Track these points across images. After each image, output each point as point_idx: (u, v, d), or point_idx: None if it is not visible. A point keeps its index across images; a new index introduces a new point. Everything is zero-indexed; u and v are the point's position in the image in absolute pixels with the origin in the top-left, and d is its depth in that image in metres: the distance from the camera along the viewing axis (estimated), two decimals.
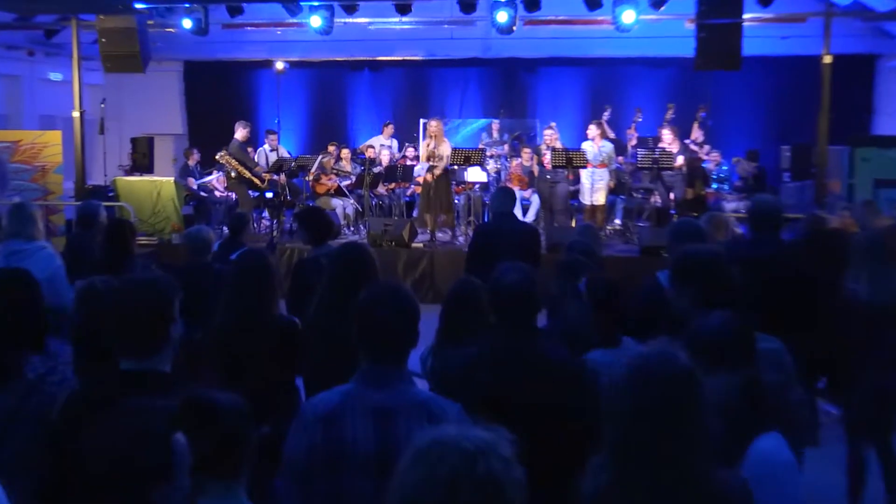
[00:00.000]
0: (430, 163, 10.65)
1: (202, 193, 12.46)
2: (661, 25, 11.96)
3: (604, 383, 2.15)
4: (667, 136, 11.43)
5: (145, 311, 2.40)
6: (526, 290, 2.92)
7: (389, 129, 14.06)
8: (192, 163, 12.92)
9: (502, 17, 10.63)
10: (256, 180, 11.41)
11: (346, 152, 12.95)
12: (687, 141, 11.86)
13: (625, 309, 3.61)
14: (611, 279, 3.69)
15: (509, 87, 15.37)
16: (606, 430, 1.96)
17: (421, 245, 10.49)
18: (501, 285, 2.94)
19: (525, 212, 12.33)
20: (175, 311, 2.46)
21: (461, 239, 11.06)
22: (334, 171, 12.41)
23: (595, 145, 11.04)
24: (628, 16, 10.44)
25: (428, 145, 10.77)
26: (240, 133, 11.46)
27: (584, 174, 11.07)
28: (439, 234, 11.10)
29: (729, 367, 2.41)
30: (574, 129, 13.99)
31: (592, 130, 11.16)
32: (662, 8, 10.76)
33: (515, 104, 15.26)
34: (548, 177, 11.15)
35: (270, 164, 11.72)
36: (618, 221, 12.03)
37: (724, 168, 12.74)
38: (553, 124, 11.51)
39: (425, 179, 10.86)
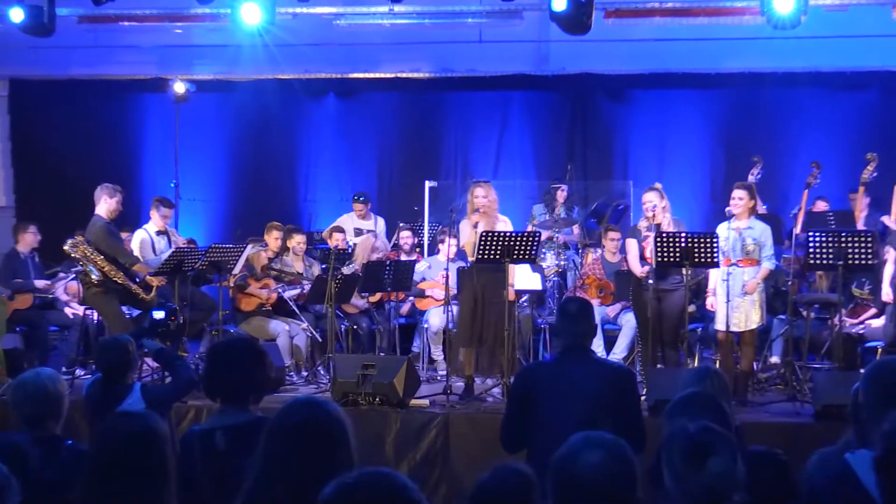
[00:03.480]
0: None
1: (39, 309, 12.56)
2: (846, 17, 12.24)
3: None
4: (865, 208, 11.44)
5: None
6: (618, 486, 2.97)
7: (360, 208, 14.28)
8: (24, 249, 12.97)
9: (559, 3, 10.68)
10: (135, 288, 11.49)
11: (296, 240, 13.02)
12: (886, 218, 11.94)
13: None
14: (774, 455, 3.72)
15: (581, 125, 15.63)
16: None
17: (425, 403, 10.50)
18: (575, 475, 2.98)
19: (611, 344, 12.42)
20: None
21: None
22: (274, 273, 12.53)
23: (735, 226, 10.93)
24: (784, 3, 10.52)
25: (474, 225, 10.89)
26: (105, 206, 11.55)
27: (718, 278, 11.00)
28: (485, 382, 11.11)
29: None
30: (694, 198, 14.05)
31: (739, 198, 10.94)
32: None
33: (592, 155, 15.48)
34: (650, 281, 11.11)
35: (162, 259, 11.77)
36: (775, 360, 11.91)
37: None
38: (658, 186, 11.42)
39: (466, 289, 10.90)
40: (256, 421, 4.72)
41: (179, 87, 13.87)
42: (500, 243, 10.42)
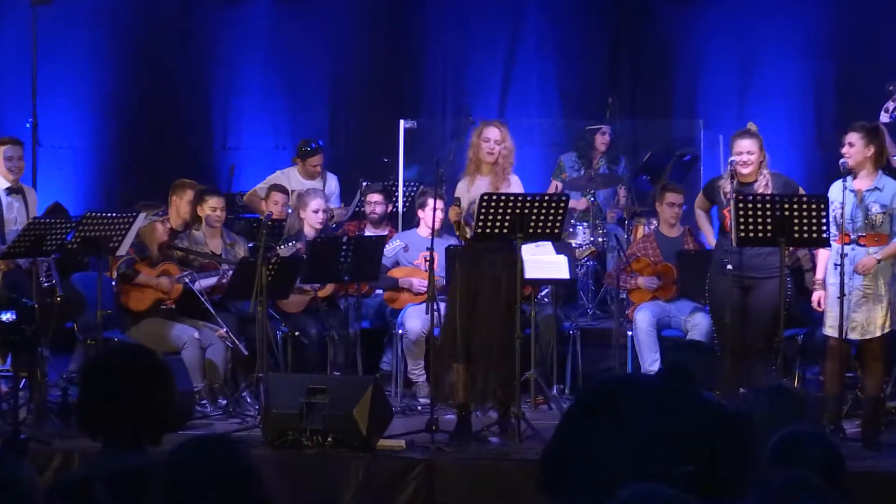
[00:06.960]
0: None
1: None
2: None
3: None
4: None
5: None
6: None
7: (315, 164, 14.08)
8: None
9: None
10: None
11: (210, 206, 12.87)
12: None
13: None
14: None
15: (629, 39, 15.56)
16: None
17: (401, 444, 10.49)
18: None
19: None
20: None
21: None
22: (178, 255, 12.50)
23: (856, 186, 10.78)
24: None
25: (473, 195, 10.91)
26: None
27: (830, 263, 10.86)
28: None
29: None
30: (793, 144, 14.20)
31: (850, 144, 10.72)
32: None
33: (644, 83, 15.50)
34: (728, 266, 11.05)
35: (17, 231, 11.79)
36: None
37: None
38: (754, 128, 11.23)
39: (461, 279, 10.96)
40: (153, 466, 4.45)
41: None
42: (510, 210, 10.36)
